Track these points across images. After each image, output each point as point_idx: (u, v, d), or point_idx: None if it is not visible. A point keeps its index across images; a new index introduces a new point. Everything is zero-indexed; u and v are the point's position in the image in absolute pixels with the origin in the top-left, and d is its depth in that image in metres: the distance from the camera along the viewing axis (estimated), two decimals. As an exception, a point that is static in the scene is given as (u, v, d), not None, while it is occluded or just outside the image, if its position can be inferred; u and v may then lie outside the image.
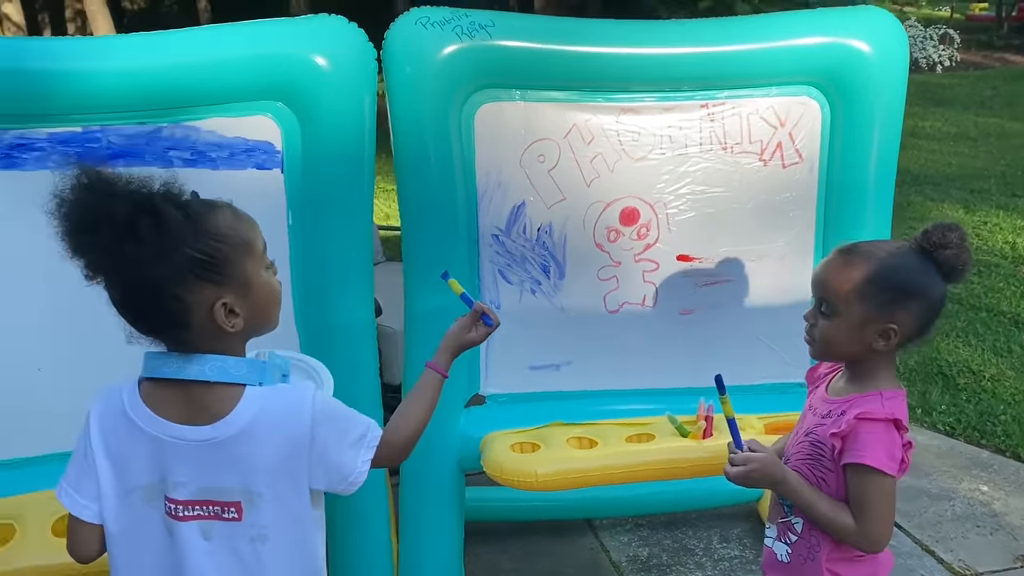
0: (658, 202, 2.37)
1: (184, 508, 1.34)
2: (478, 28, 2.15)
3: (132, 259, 1.21)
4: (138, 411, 1.33)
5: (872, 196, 2.40)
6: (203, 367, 1.30)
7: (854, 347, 1.61)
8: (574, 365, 2.45)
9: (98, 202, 1.21)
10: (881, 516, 1.57)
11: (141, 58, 2.03)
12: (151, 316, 1.29)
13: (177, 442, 1.31)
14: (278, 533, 1.36)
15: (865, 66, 2.28)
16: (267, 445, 1.32)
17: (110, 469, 1.35)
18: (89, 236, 1.21)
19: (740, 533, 3.12)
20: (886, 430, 1.56)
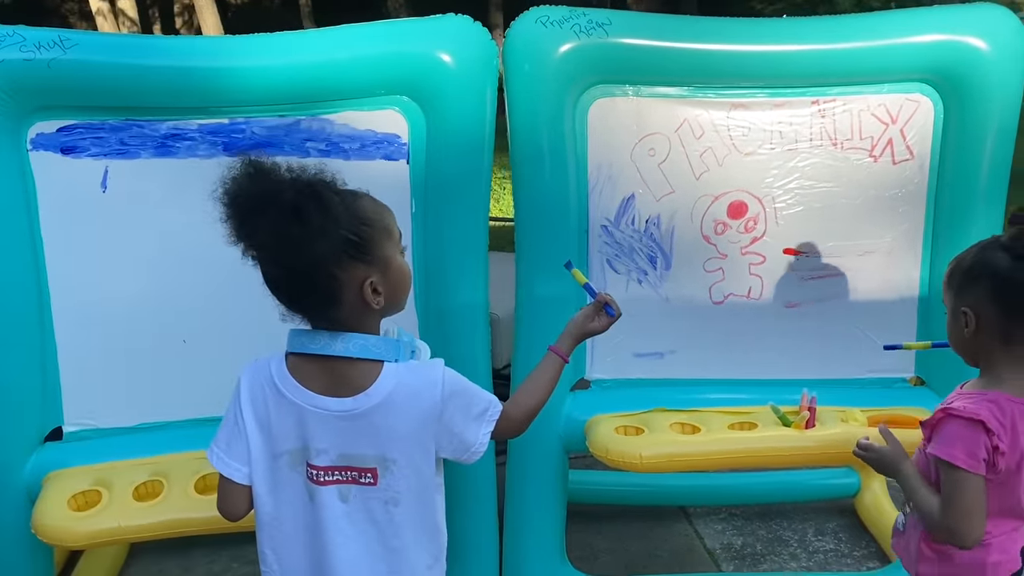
0: (766, 196, 2.42)
1: (325, 473, 1.45)
2: (595, 26, 2.24)
3: (297, 239, 1.33)
4: (286, 382, 1.45)
5: (983, 195, 2.39)
6: (347, 344, 1.41)
7: (957, 339, 1.66)
8: (678, 354, 2.52)
9: (265, 187, 1.35)
10: (960, 510, 1.57)
11: (282, 56, 2.19)
12: (309, 293, 1.40)
13: (321, 412, 1.43)
14: (408, 496, 1.48)
15: (982, 64, 2.28)
16: (402, 417, 1.44)
17: (259, 435, 1.47)
18: (258, 218, 1.33)
19: (836, 527, 3.13)
20: (966, 428, 1.56)
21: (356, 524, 1.48)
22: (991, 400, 1.58)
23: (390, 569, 1.50)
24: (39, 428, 2.27)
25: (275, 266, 1.40)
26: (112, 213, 2.23)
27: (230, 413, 1.50)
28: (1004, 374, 1.62)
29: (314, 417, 1.43)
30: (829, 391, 2.40)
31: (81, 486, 2.16)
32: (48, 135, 2.16)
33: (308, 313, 1.45)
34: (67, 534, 2.06)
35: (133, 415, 2.33)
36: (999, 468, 1.57)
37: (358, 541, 1.48)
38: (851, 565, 2.92)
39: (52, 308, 2.23)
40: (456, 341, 2.31)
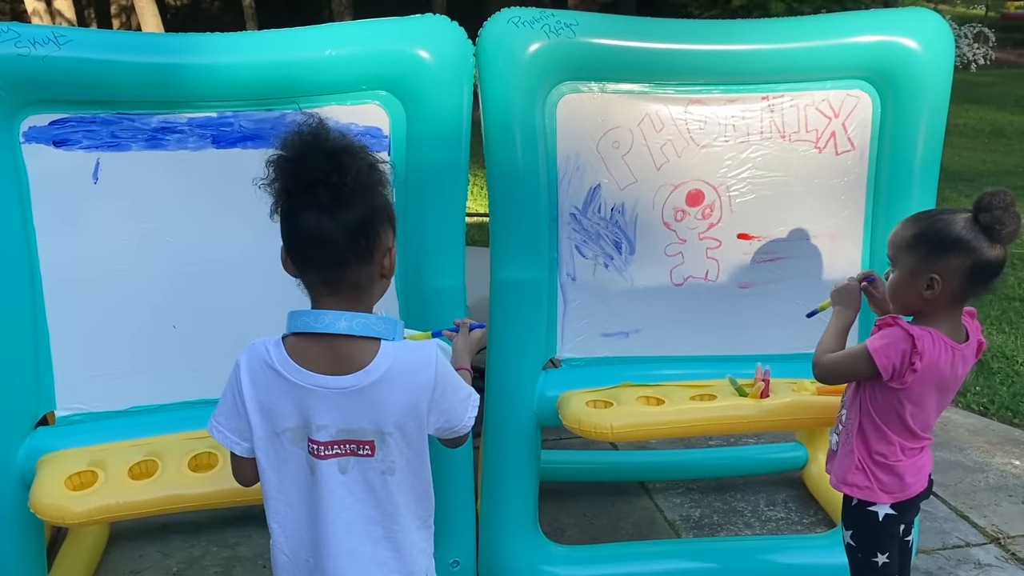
0: (721, 185, 2.61)
1: (325, 448, 1.52)
2: (564, 26, 2.39)
3: (375, 183, 1.45)
4: (284, 364, 1.50)
5: (917, 183, 2.60)
6: (351, 323, 1.48)
7: (910, 295, 1.93)
8: (642, 333, 2.69)
9: (341, 140, 1.45)
10: (841, 364, 2.01)
11: (269, 53, 2.29)
12: (355, 244, 1.45)
13: (321, 390, 1.49)
14: (402, 465, 1.56)
15: (914, 63, 2.50)
16: (399, 391, 1.51)
17: (259, 415, 1.53)
18: (348, 158, 1.41)
19: (786, 497, 3.34)
20: (901, 338, 1.88)
21: (354, 493, 1.56)
22: (930, 332, 1.89)
23: (385, 531, 1.60)
24: (32, 413, 2.33)
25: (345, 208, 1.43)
26: (103, 204, 2.30)
27: (228, 393, 1.56)
28: (940, 322, 1.92)
29: (315, 396, 1.49)
30: (781, 365, 2.60)
31: (77, 467, 2.23)
32: (41, 128, 2.23)
33: (334, 271, 1.48)
34: (65, 512, 2.12)
35: (125, 399, 2.40)
36: (905, 380, 1.90)
37: (354, 508, 1.56)
38: (800, 531, 3.13)
39: (44, 296, 2.29)
40: (436, 321, 2.43)
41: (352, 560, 1.57)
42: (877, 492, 2.01)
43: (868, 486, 2.01)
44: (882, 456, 2.00)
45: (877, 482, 2.01)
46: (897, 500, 2.02)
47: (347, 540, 1.57)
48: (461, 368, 1.76)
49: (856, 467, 2.02)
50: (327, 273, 1.49)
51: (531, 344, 2.59)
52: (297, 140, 1.44)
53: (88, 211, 2.30)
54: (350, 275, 1.49)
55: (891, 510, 2.03)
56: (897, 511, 2.03)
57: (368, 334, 1.50)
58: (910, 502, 2.04)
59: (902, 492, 2.02)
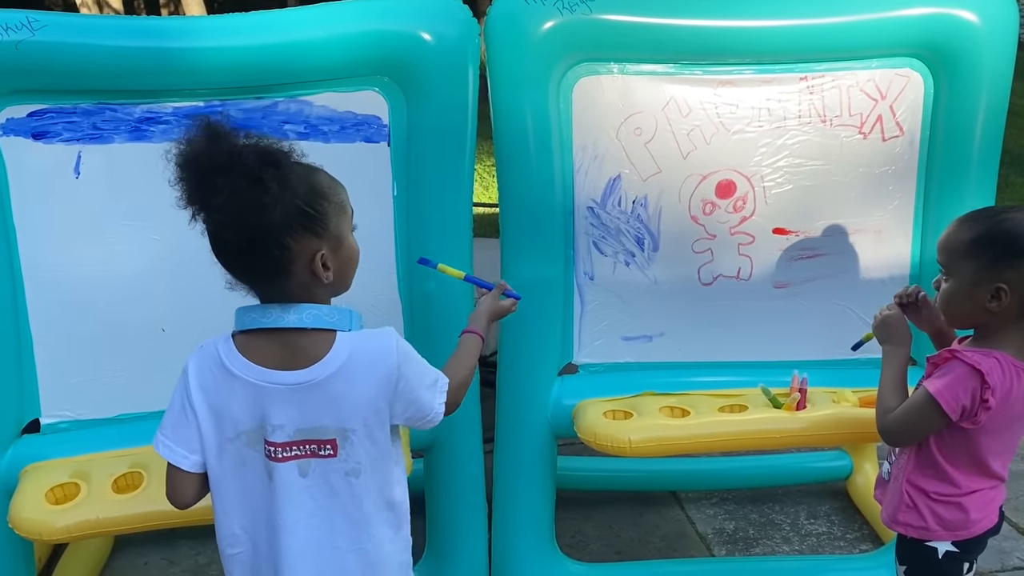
0: (755, 175, 2.39)
1: (283, 450, 1.44)
2: (579, 2, 2.19)
3: (255, 204, 1.32)
4: (235, 362, 1.43)
5: (975, 172, 2.36)
6: (300, 315, 1.41)
7: (969, 308, 1.67)
8: (667, 336, 2.49)
9: (226, 150, 1.34)
10: (907, 425, 1.73)
11: (259, 36, 2.14)
12: (260, 261, 1.38)
13: (276, 387, 1.41)
14: (367, 466, 1.47)
15: (972, 37, 2.25)
16: (359, 383, 1.43)
17: (211, 420, 1.45)
18: (218, 180, 1.32)
19: (828, 510, 3.12)
20: (966, 375, 1.62)
21: (316, 499, 1.47)
22: (996, 358, 1.64)
23: (352, 542, 1.49)
24: (16, 421, 2.23)
25: (228, 230, 1.37)
26: (86, 200, 2.17)
27: (176, 401, 1.48)
28: (1006, 340, 1.67)
29: (268, 393, 1.42)
30: (820, 372, 2.39)
31: (59, 479, 2.12)
32: (19, 120, 2.10)
33: (257, 283, 1.44)
34: (44, 528, 2.01)
35: (112, 406, 2.28)
36: (979, 420, 1.63)
37: (318, 516, 1.47)
38: (843, 548, 2.91)
39: (27, 298, 2.18)
40: (441, 325, 2.27)
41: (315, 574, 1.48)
42: (934, 531, 1.77)
43: (923, 526, 1.77)
44: (942, 495, 1.76)
45: (936, 519, 1.76)
46: (960, 539, 1.78)
47: (309, 551, 1.47)
48: (471, 331, 1.73)
49: (907, 506, 1.79)
50: (248, 286, 1.46)
51: (545, 348, 2.42)
52: (184, 150, 1.37)
53: (70, 208, 2.17)
54: (271, 287, 1.43)
55: (953, 547, 1.78)
56: (960, 549, 1.79)
57: (320, 326, 1.43)
58: (976, 539, 1.80)
59: (966, 530, 1.77)
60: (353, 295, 2.34)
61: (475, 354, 1.72)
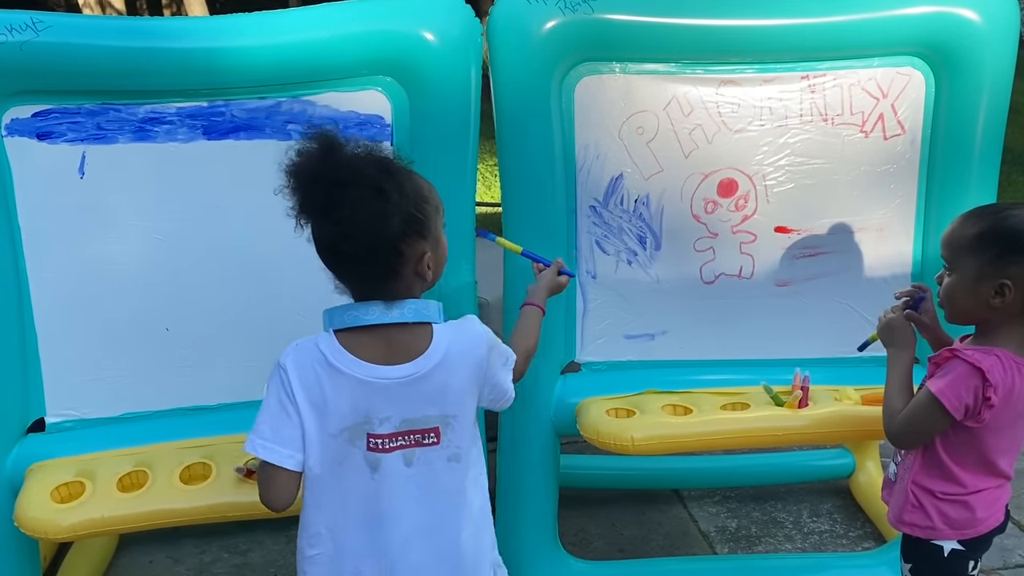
0: (757, 174, 2.39)
1: (388, 441, 1.46)
2: (581, 2, 2.19)
3: (377, 214, 1.39)
4: (342, 358, 1.44)
5: (976, 170, 2.36)
6: (403, 310, 1.46)
7: (971, 303, 1.67)
8: (669, 335, 2.49)
9: (349, 162, 1.41)
10: (913, 427, 1.73)
11: (262, 36, 2.13)
12: (378, 268, 1.43)
13: (383, 382, 1.44)
14: (466, 449, 1.53)
15: (973, 36, 2.24)
16: (458, 372, 1.49)
17: (314, 416, 1.45)
18: (343, 191, 1.38)
19: (831, 508, 3.12)
20: (968, 374, 1.63)
21: (421, 486, 1.50)
22: (996, 355, 1.64)
23: (456, 527, 1.53)
24: (21, 420, 2.24)
25: (348, 241, 1.41)
26: (91, 200, 2.18)
27: (273, 400, 1.47)
28: (1005, 336, 1.67)
29: (375, 388, 1.44)
30: (822, 370, 2.38)
31: (64, 477, 2.12)
32: (23, 120, 2.11)
33: (365, 286, 1.47)
34: (50, 526, 2.02)
35: (116, 405, 2.29)
36: (982, 418, 1.64)
37: (423, 503, 1.50)
38: (846, 546, 2.91)
39: (31, 297, 2.18)
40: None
41: (422, 558, 1.52)
42: (940, 530, 1.77)
43: (929, 525, 1.77)
44: (948, 494, 1.76)
45: (942, 518, 1.76)
46: (966, 537, 1.78)
47: (417, 538, 1.51)
48: (533, 304, 1.81)
49: (913, 506, 1.79)
50: (354, 289, 1.50)
51: (548, 346, 2.39)
52: (301, 161, 1.42)
53: (75, 208, 2.18)
54: (377, 289, 1.47)
55: (959, 545, 1.78)
56: (966, 547, 1.79)
57: (420, 319, 1.48)
58: (982, 538, 1.80)
59: (972, 528, 1.77)
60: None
61: (538, 326, 1.79)
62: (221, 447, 2.22)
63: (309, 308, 2.29)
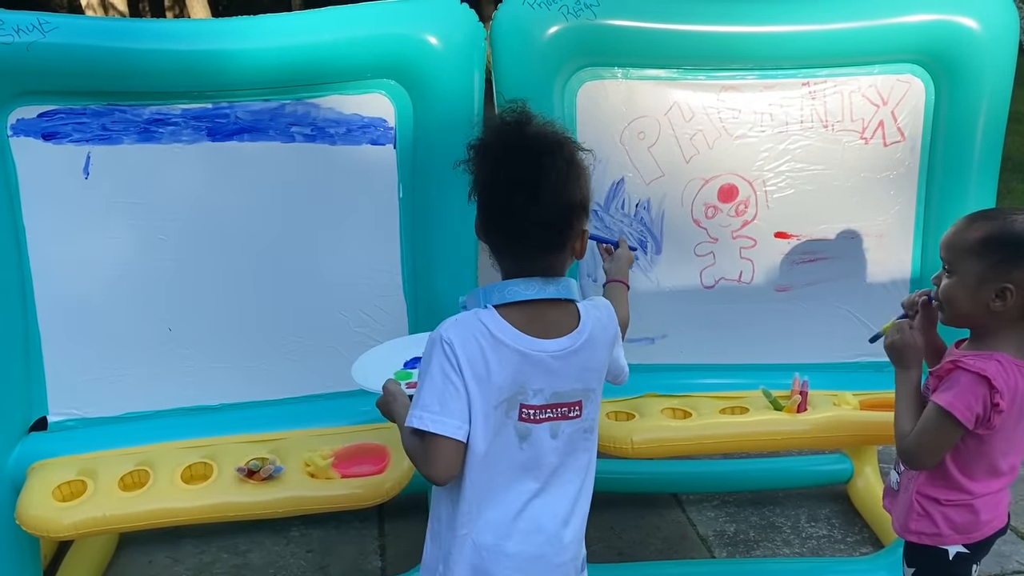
0: (757, 179, 2.40)
1: (539, 412, 1.50)
2: (583, 7, 2.21)
3: (574, 183, 1.45)
4: (506, 332, 1.46)
5: (976, 177, 2.38)
6: (558, 287, 1.50)
7: (971, 306, 1.67)
8: (669, 339, 2.50)
9: (546, 134, 1.47)
10: (927, 443, 1.70)
11: (267, 39, 2.16)
12: (559, 236, 1.47)
13: (540, 355, 1.48)
14: (597, 422, 1.59)
15: (973, 44, 2.27)
16: (600, 349, 1.55)
17: (478, 388, 1.45)
18: (541, 159, 1.42)
19: (829, 513, 3.12)
20: (974, 383, 1.63)
21: (560, 457, 1.54)
22: (997, 360, 1.64)
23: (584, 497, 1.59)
24: (24, 418, 2.25)
25: (538, 205, 1.43)
26: (95, 200, 2.20)
27: (437, 374, 1.45)
28: (1003, 340, 1.68)
29: (533, 361, 1.48)
30: (821, 375, 2.40)
31: (66, 476, 2.14)
32: (29, 121, 2.13)
33: (536, 255, 1.49)
34: (52, 525, 2.04)
35: (119, 404, 2.31)
36: (993, 424, 1.64)
37: (565, 476, 1.55)
38: (844, 551, 2.92)
39: (35, 296, 2.20)
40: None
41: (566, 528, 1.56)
42: (947, 536, 1.77)
43: (936, 532, 1.78)
44: (952, 500, 1.76)
45: (948, 523, 1.76)
46: (971, 541, 1.78)
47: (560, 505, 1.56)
48: (619, 281, 1.91)
49: (919, 514, 1.79)
50: (517, 262, 1.51)
51: (548, 349, 2.43)
52: (500, 133, 1.49)
53: (79, 208, 2.20)
54: (540, 262, 1.50)
55: (963, 549, 1.79)
56: (970, 550, 1.79)
57: (568, 297, 1.53)
58: (985, 541, 1.80)
59: (977, 531, 1.77)
60: (359, 295, 2.38)
61: (627, 300, 1.88)
62: (222, 447, 2.24)
63: (313, 308, 2.33)
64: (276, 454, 2.20)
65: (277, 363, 2.35)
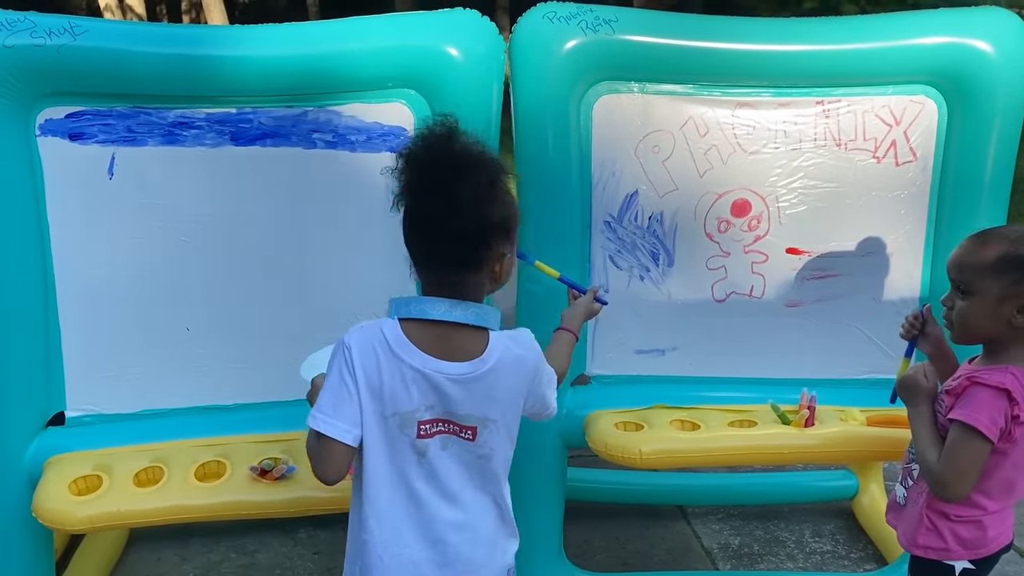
0: (770, 195, 2.43)
1: (431, 426, 1.51)
2: (602, 23, 2.25)
3: (493, 200, 1.45)
4: (402, 346, 1.48)
5: (987, 198, 2.40)
6: (466, 312, 1.49)
7: (992, 325, 1.69)
8: (679, 351, 2.53)
9: (472, 151, 1.46)
10: (957, 466, 1.68)
11: (291, 47, 2.20)
12: (476, 252, 1.47)
13: (436, 375, 1.48)
14: (498, 451, 1.57)
15: (986, 67, 2.29)
16: (507, 379, 1.53)
17: (370, 397, 1.48)
18: (464, 173, 1.42)
19: (833, 529, 3.14)
20: (994, 396, 1.64)
21: (461, 470, 1.55)
22: (1012, 373, 1.66)
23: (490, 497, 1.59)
24: (42, 413, 2.28)
25: (457, 218, 1.43)
26: (118, 200, 2.23)
27: (335, 377, 1.49)
28: (1016, 351, 1.69)
29: (427, 379, 1.48)
30: (829, 391, 2.42)
31: (82, 471, 2.17)
32: (57, 121, 2.17)
33: (449, 271, 1.50)
34: (67, 518, 2.07)
35: (135, 402, 2.34)
36: (1014, 437, 1.65)
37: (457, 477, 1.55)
38: (848, 567, 2.93)
39: (57, 293, 2.24)
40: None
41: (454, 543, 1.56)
42: (954, 551, 1.78)
43: (944, 547, 1.78)
44: (962, 516, 1.77)
45: (956, 539, 1.77)
46: (977, 557, 1.79)
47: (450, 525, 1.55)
48: (567, 329, 1.86)
49: (927, 529, 1.80)
50: (433, 274, 1.52)
51: (559, 359, 2.45)
52: (427, 142, 1.48)
53: (102, 208, 2.24)
54: (454, 278, 1.51)
55: (969, 565, 1.79)
56: (976, 566, 1.80)
57: (480, 324, 1.51)
58: (992, 557, 1.81)
59: (984, 548, 1.78)
60: (375, 299, 2.40)
61: (571, 351, 1.84)
62: (236, 446, 2.27)
63: (330, 312, 2.36)
64: (289, 454, 2.22)
65: (292, 365, 2.38)
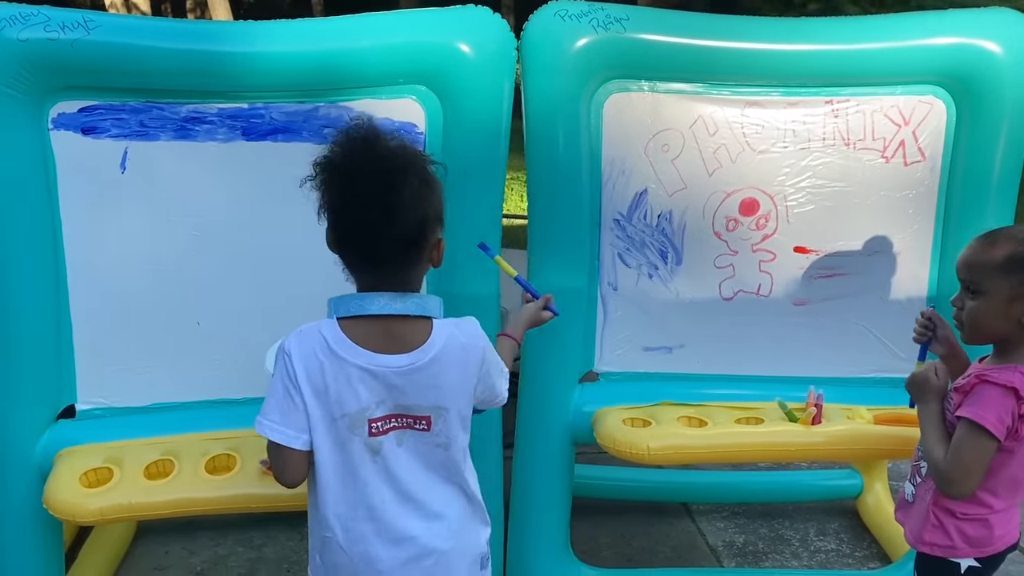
0: (778, 194, 2.44)
1: (384, 423, 1.51)
2: (613, 21, 2.25)
3: (423, 199, 1.45)
4: (343, 346, 1.47)
5: (994, 199, 2.40)
6: (406, 303, 1.49)
7: (1002, 324, 1.70)
8: (687, 348, 2.54)
9: (398, 151, 1.46)
10: (963, 463, 1.69)
11: (303, 42, 2.20)
12: (412, 250, 1.48)
13: (381, 369, 1.47)
14: (455, 439, 1.56)
15: (995, 67, 2.30)
16: (454, 367, 1.53)
17: (316, 401, 1.47)
18: (395, 176, 1.42)
19: (838, 527, 3.15)
20: (1002, 395, 1.66)
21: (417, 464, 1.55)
22: (1021, 372, 1.67)
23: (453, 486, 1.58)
24: (53, 406, 2.29)
25: (392, 225, 1.43)
26: (130, 194, 2.25)
27: (279, 385, 1.49)
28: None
29: (375, 376, 1.48)
30: (836, 389, 2.43)
31: (92, 463, 2.18)
32: (69, 115, 2.18)
33: (387, 271, 1.49)
34: (78, 510, 2.08)
35: (146, 395, 2.35)
36: (1021, 435, 1.66)
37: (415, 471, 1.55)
38: (852, 565, 2.94)
39: (68, 286, 2.25)
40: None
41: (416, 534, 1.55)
42: (960, 548, 1.79)
43: (949, 544, 1.80)
44: (968, 514, 1.78)
45: (962, 536, 1.79)
46: (983, 555, 1.80)
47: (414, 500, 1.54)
48: (508, 335, 1.85)
49: (933, 526, 1.81)
50: (374, 275, 1.51)
51: (567, 356, 2.47)
52: (348, 151, 1.45)
53: (114, 201, 2.25)
54: (396, 276, 1.51)
55: (975, 563, 1.81)
56: (982, 564, 1.81)
57: (421, 313, 1.51)
58: (998, 555, 1.82)
59: (990, 546, 1.79)
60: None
61: (510, 357, 1.79)
62: (246, 440, 2.27)
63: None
64: (298, 448, 2.23)
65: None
